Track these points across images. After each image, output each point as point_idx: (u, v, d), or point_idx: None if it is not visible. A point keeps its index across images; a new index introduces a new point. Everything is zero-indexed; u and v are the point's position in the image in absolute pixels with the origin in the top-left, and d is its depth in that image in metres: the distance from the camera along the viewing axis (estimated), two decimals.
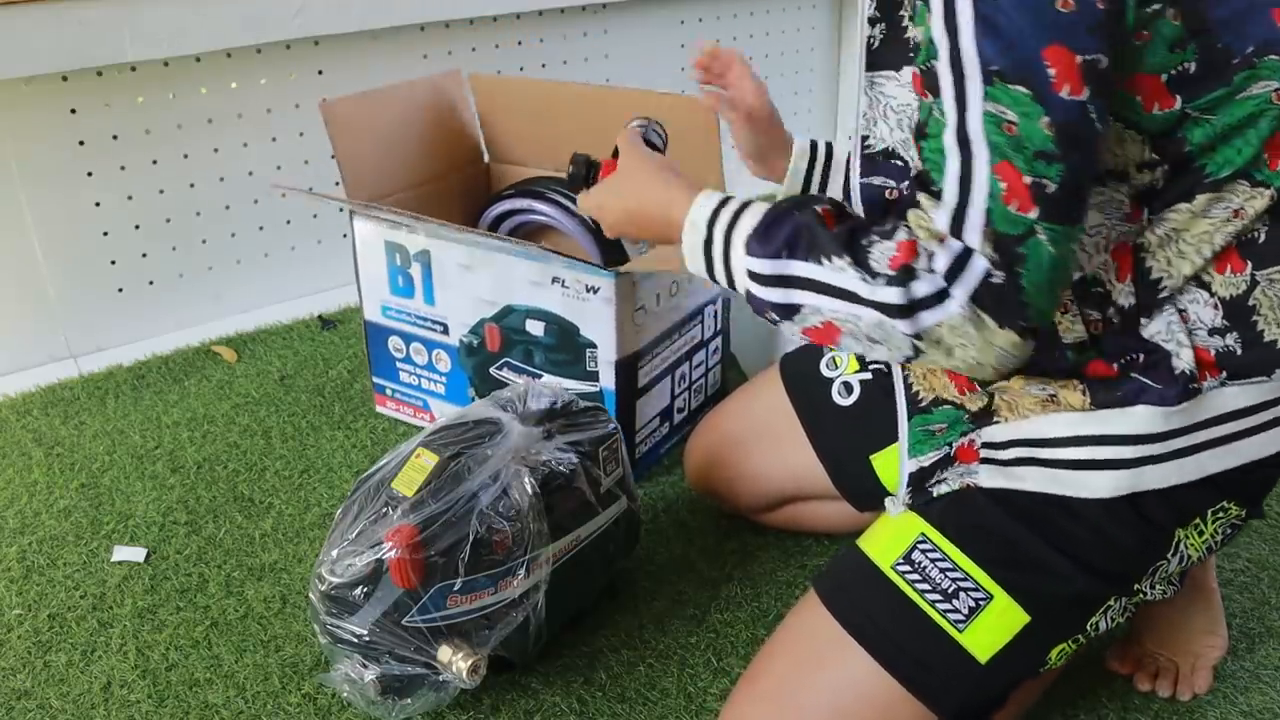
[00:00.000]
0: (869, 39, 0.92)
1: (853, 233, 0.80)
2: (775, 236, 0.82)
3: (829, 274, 0.78)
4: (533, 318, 1.32)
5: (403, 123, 1.49)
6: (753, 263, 0.83)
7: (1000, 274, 0.72)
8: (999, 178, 0.71)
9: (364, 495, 0.98)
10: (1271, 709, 1.04)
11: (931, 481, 0.92)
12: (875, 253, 0.77)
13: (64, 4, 1.46)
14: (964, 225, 0.73)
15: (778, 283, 0.81)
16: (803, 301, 0.80)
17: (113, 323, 1.73)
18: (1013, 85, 0.69)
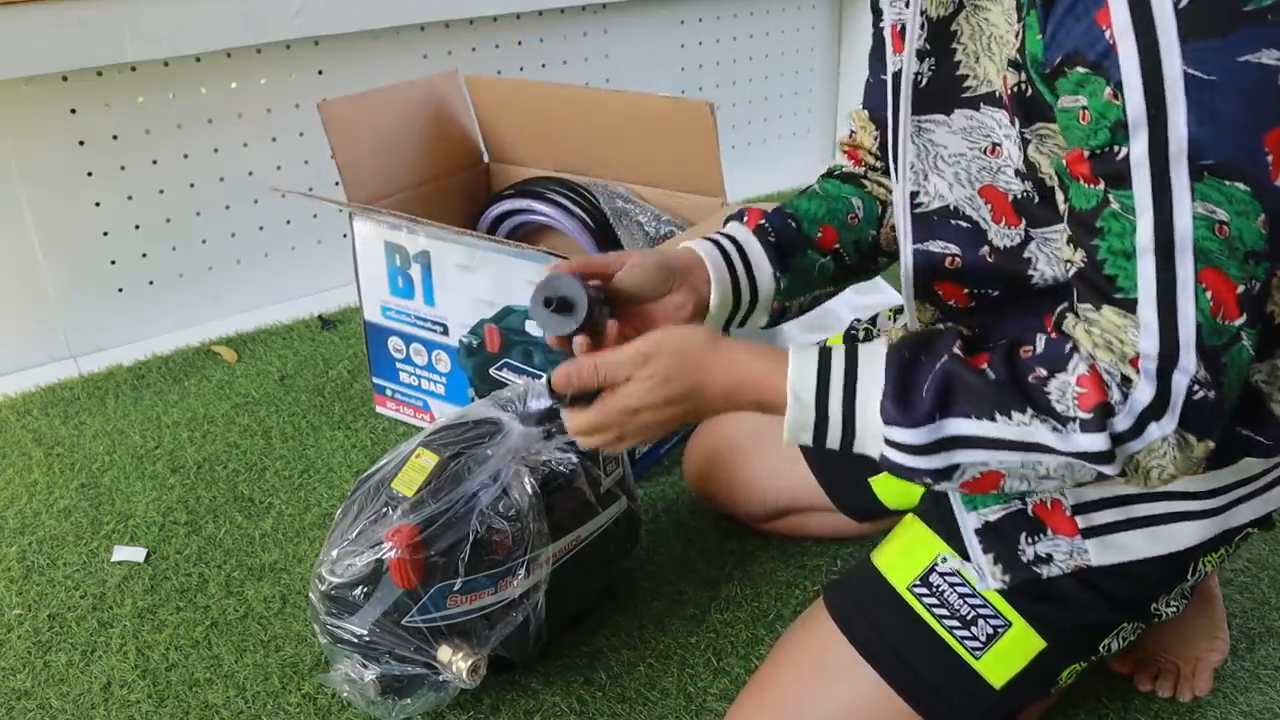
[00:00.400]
0: (916, 76, 0.81)
1: (1014, 370, 0.70)
2: (919, 397, 0.70)
3: (1007, 430, 0.69)
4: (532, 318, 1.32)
5: (402, 123, 1.49)
6: (896, 433, 0.71)
7: (1205, 390, 0.66)
8: (1205, 286, 0.63)
9: (364, 495, 0.98)
10: (1271, 709, 1.04)
11: (1028, 557, 0.83)
12: (1055, 393, 0.68)
13: (64, 4, 1.46)
14: (1176, 349, 0.65)
15: (934, 449, 0.70)
16: (967, 460, 0.70)
17: (113, 323, 1.73)
18: (1229, 181, 0.61)
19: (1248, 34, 0.58)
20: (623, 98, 1.47)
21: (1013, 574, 0.83)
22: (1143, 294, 0.65)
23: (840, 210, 0.97)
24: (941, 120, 0.81)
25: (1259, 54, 0.59)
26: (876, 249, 0.99)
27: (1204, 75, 0.59)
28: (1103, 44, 0.61)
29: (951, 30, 0.78)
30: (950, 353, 0.72)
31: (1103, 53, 0.62)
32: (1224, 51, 0.59)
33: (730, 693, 1.05)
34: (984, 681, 0.85)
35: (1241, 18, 0.59)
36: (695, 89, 2.36)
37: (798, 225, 0.94)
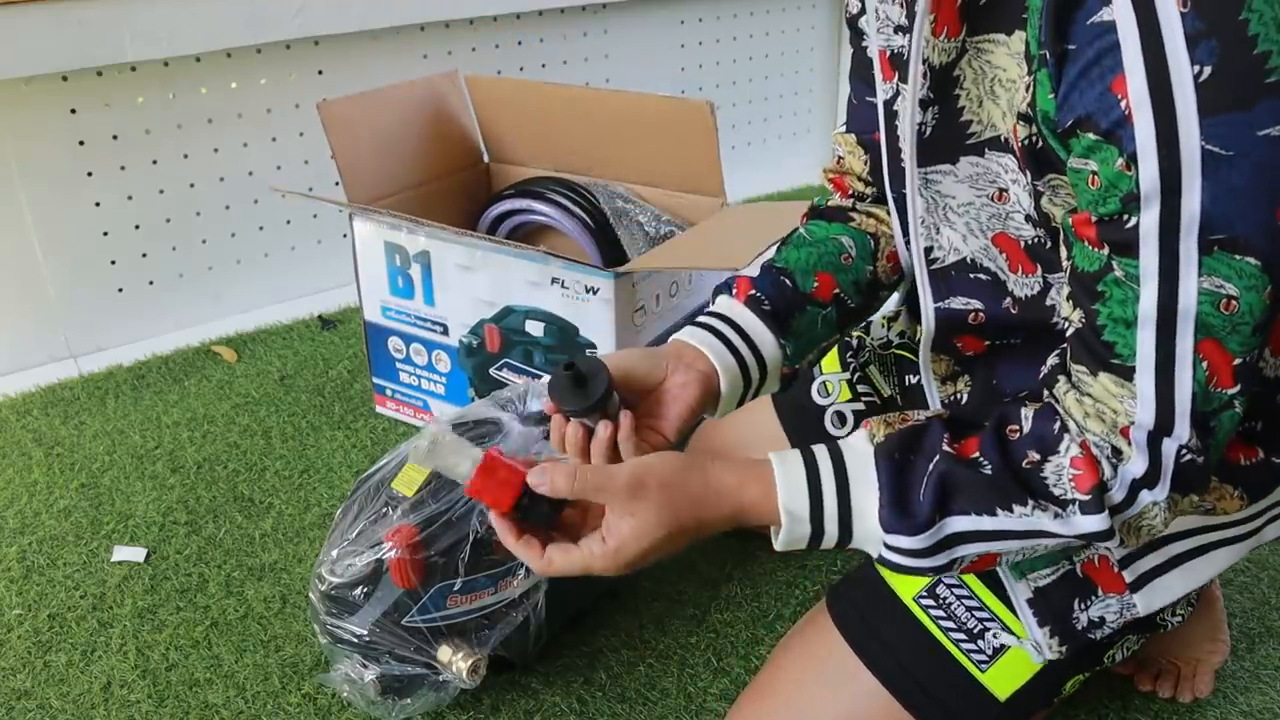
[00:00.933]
0: (920, 126, 0.78)
1: (1007, 458, 0.69)
2: (917, 502, 0.69)
3: (1009, 522, 0.69)
4: (532, 318, 1.32)
5: (402, 123, 1.49)
6: (898, 540, 0.70)
7: (1193, 455, 0.66)
8: (1203, 358, 0.63)
9: (364, 495, 0.98)
10: (1271, 709, 1.04)
11: (1081, 625, 0.82)
12: (1051, 476, 0.68)
13: (64, 4, 1.46)
14: (1171, 421, 0.65)
15: (936, 550, 0.70)
16: (970, 553, 0.70)
17: (113, 323, 1.73)
18: (1240, 256, 0.59)
19: (1269, 106, 0.56)
20: (623, 98, 1.47)
21: (1069, 645, 0.83)
22: (1141, 364, 0.64)
23: (832, 253, 0.92)
24: (948, 170, 0.79)
25: (1279, 127, 0.57)
26: (876, 284, 0.95)
27: (1222, 151, 0.57)
28: (1117, 113, 0.59)
29: (954, 76, 0.75)
30: (941, 450, 0.70)
31: (1117, 121, 0.59)
32: (1244, 125, 0.57)
33: (730, 693, 1.05)
34: (989, 694, 0.84)
35: (1264, 91, 0.56)
36: (695, 89, 2.36)
37: (791, 282, 0.90)
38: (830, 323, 0.92)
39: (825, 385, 1.12)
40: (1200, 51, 0.56)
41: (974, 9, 0.72)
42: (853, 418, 1.10)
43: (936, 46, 0.74)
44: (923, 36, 0.74)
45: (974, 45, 0.73)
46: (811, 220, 0.97)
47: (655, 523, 0.71)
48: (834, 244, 0.93)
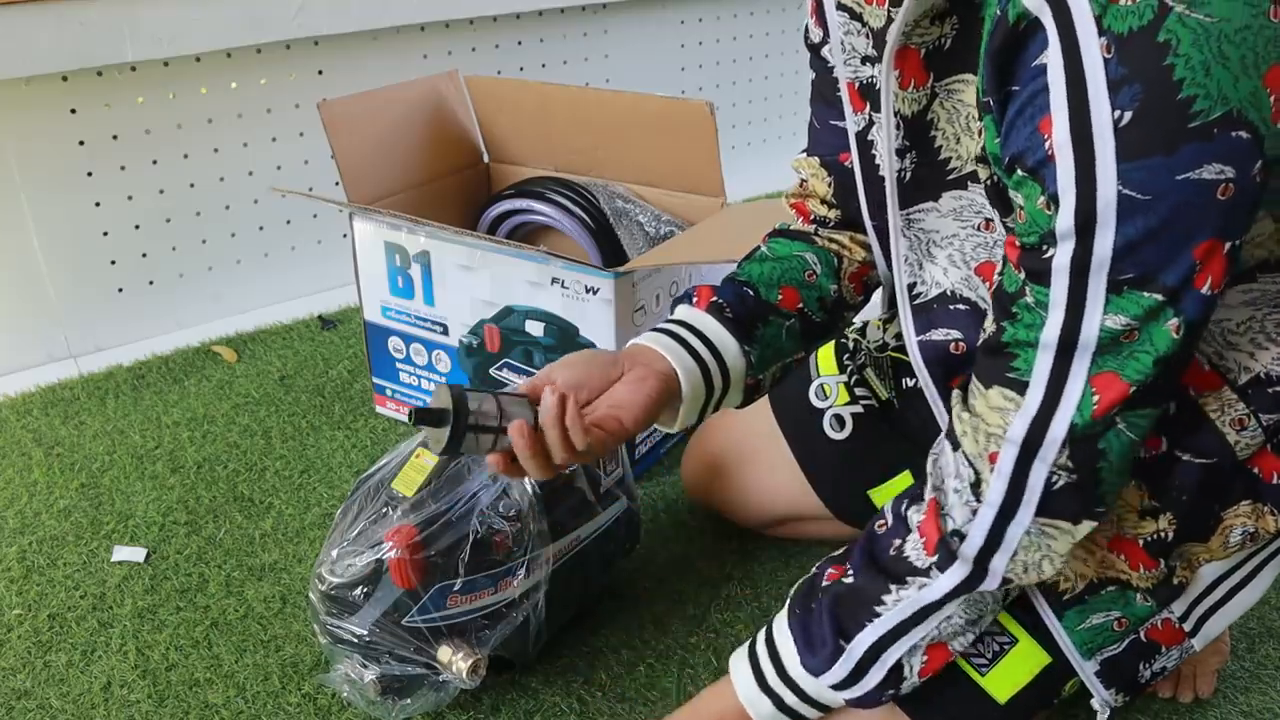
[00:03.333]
0: (899, 173, 0.79)
1: (870, 558, 0.76)
2: (818, 636, 0.77)
3: (895, 613, 0.74)
4: (532, 318, 1.32)
5: (402, 123, 1.49)
6: (827, 678, 0.78)
7: (1065, 476, 0.67)
8: (1094, 390, 0.64)
9: (364, 495, 0.98)
10: (1271, 709, 1.04)
11: (1145, 678, 0.86)
12: (912, 554, 0.73)
13: (64, 4, 1.46)
14: (1044, 436, 0.66)
15: (863, 669, 0.77)
16: (897, 656, 0.76)
17: (113, 323, 1.73)
18: (1146, 293, 0.60)
19: (1192, 149, 0.56)
20: (623, 98, 1.47)
21: (1132, 695, 0.87)
22: (1035, 379, 0.66)
23: (795, 269, 0.92)
24: (930, 207, 0.80)
25: (1200, 170, 0.57)
26: (841, 303, 0.95)
27: (1139, 195, 0.57)
28: (1041, 152, 0.60)
29: (928, 120, 0.77)
30: (821, 586, 0.78)
31: (1041, 161, 0.60)
32: (1164, 170, 0.57)
33: None
34: (988, 697, 0.84)
35: (1186, 135, 0.56)
36: (695, 89, 2.36)
37: (754, 293, 0.89)
38: (795, 335, 0.91)
39: (823, 388, 1.12)
40: (1121, 97, 0.56)
41: (938, 56, 0.73)
42: (851, 420, 1.10)
43: (904, 98, 0.76)
44: (890, 92, 0.75)
45: (944, 89, 0.75)
46: (773, 239, 0.97)
47: None
48: (797, 260, 0.93)
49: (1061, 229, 0.60)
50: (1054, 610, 0.83)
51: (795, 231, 0.98)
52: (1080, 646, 0.83)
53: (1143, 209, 0.58)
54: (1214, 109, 0.56)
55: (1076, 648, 0.83)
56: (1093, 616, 0.82)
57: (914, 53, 0.74)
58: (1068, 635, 0.83)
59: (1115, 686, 0.85)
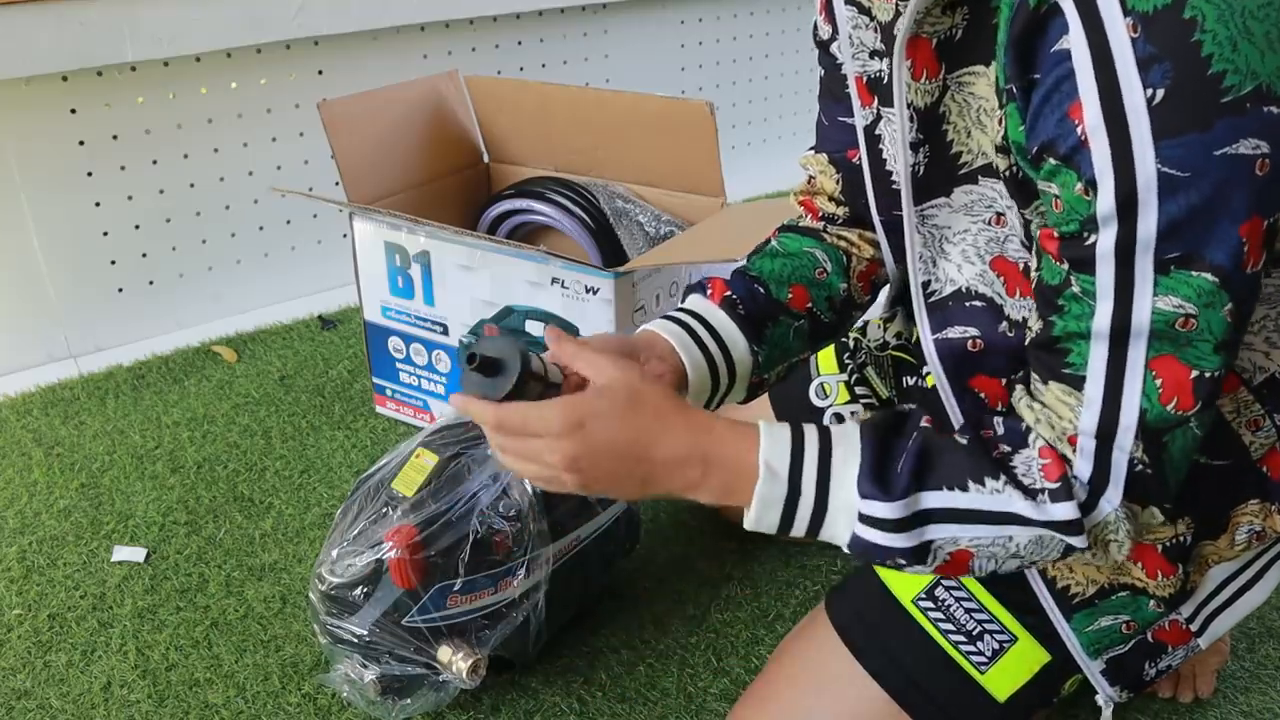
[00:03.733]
0: (913, 167, 0.78)
1: (984, 443, 0.69)
2: (896, 471, 0.69)
3: (981, 500, 0.68)
4: (533, 318, 1.32)
5: (402, 123, 1.49)
6: (872, 507, 0.68)
7: (1143, 467, 0.66)
8: (1155, 374, 0.62)
9: (364, 495, 0.98)
10: (1271, 709, 1.04)
11: (1149, 676, 0.85)
12: (1021, 467, 0.68)
13: (64, 4, 1.46)
14: (1114, 428, 0.65)
15: (908, 524, 0.68)
16: (938, 536, 0.69)
17: (113, 323, 1.73)
18: (1195, 272, 0.59)
19: (1227, 125, 0.56)
20: (623, 98, 1.47)
21: (1134, 689, 0.86)
22: (1091, 373, 0.65)
23: (806, 267, 0.92)
24: (942, 203, 0.79)
25: (1237, 145, 0.56)
26: (849, 303, 0.95)
27: (1178, 172, 0.57)
28: (1074, 139, 0.59)
29: (940, 113, 0.76)
30: (921, 427, 0.71)
31: (1074, 147, 0.60)
32: (1201, 146, 0.56)
33: (730, 693, 1.05)
34: (988, 695, 0.84)
35: (1220, 111, 0.56)
36: (695, 89, 2.36)
37: (765, 290, 0.89)
38: (803, 336, 0.91)
39: (823, 387, 1.12)
40: (1153, 75, 0.56)
41: (949, 47, 0.73)
42: (850, 419, 1.10)
43: (918, 89, 0.75)
44: (903, 83, 0.75)
45: (955, 80, 0.74)
46: (783, 234, 0.97)
47: (622, 386, 0.70)
48: (808, 258, 0.93)
49: (1103, 213, 0.60)
50: (1063, 612, 0.83)
51: (805, 228, 0.97)
52: (1087, 646, 0.83)
53: (1184, 186, 0.57)
54: (1244, 84, 0.56)
55: (1083, 647, 0.83)
56: (1102, 619, 0.82)
57: (926, 43, 0.74)
58: (1075, 636, 0.83)
59: (1120, 684, 0.85)
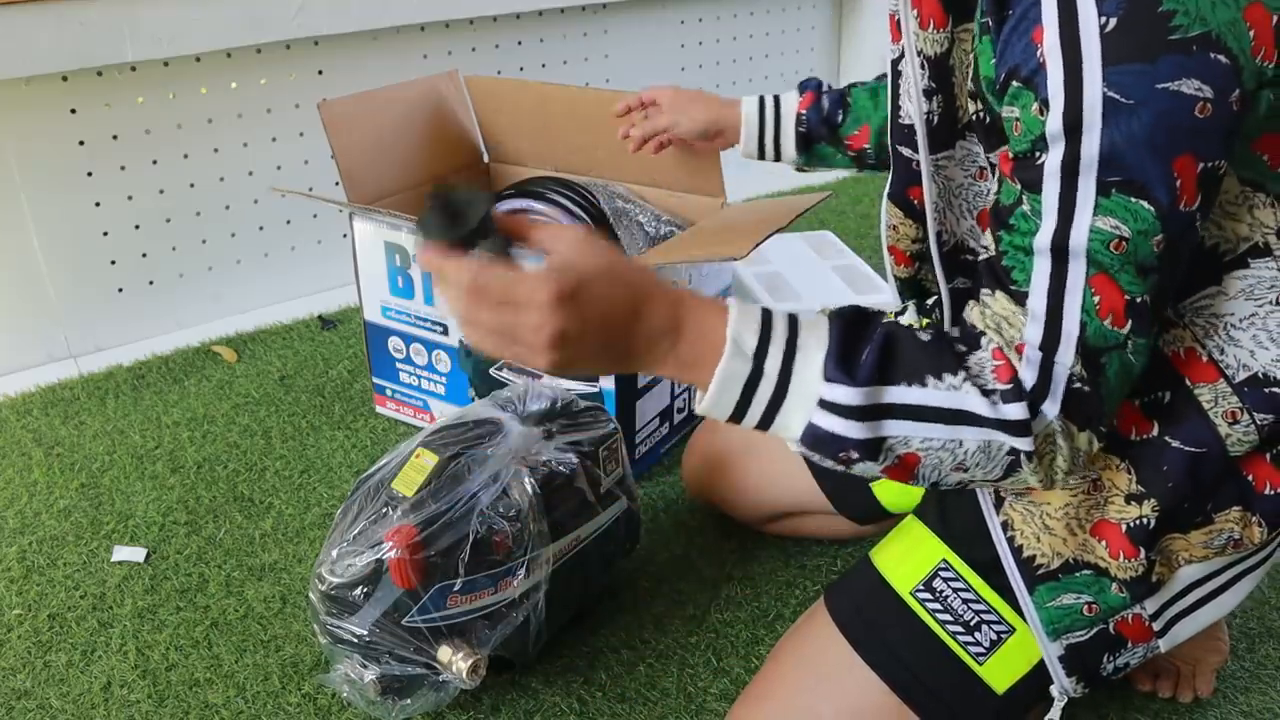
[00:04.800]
0: (927, 115, 0.82)
1: (946, 340, 0.72)
2: (861, 358, 0.69)
3: (940, 396, 0.69)
4: None
5: (402, 123, 1.49)
6: (834, 391, 0.68)
7: (1082, 384, 0.69)
8: (1094, 290, 0.66)
9: (364, 495, 0.98)
10: (1271, 709, 1.04)
11: (1107, 671, 0.85)
12: (975, 366, 0.70)
13: (64, 4, 1.46)
14: (1058, 340, 0.68)
15: (867, 414, 0.68)
16: (893, 433, 0.69)
17: (113, 323, 1.73)
18: (1134, 199, 0.63)
19: (1171, 62, 0.60)
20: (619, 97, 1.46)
21: (1091, 685, 0.86)
22: (1034, 288, 0.68)
23: (884, 117, 1.13)
24: (949, 155, 0.83)
25: (1179, 83, 0.60)
26: None
27: (1123, 99, 0.61)
28: (1034, 61, 0.63)
29: (949, 65, 0.80)
30: (884, 322, 0.72)
31: (1034, 69, 0.63)
32: (1146, 76, 0.60)
33: (730, 693, 1.05)
34: (987, 686, 0.85)
35: (1166, 46, 0.59)
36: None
37: (842, 117, 1.18)
38: (846, 163, 1.23)
39: None
40: (1108, 4, 0.60)
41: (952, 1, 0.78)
42: None
43: (927, 38, 0.80)
44: (912, 32, 0.80)
45: (958, 35, 0.79)
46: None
47: (600, 254, 0.68)
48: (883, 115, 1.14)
49: (1052, 131, 0.63)
50: (1026, 583, 0.83)
51: None
52: (1047, 625, 0.83)
53: (1126, 112, 0.61)
54: (1193, 26, 0.59)
55: (1044, 625, 0.83)
56: (1064, 595, 0.82)
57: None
58: (1036, 611, 0.83)
59: (1076, 675, 0.84)
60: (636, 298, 0.69)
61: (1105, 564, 0.81)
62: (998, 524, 0.85)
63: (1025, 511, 0.83)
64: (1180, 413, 0.77)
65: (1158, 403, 0.78)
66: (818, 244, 1.81)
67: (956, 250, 0.87)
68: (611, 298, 0.68)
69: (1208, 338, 0.75)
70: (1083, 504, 0.81)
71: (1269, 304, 0.73)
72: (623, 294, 0.68)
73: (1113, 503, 0.80)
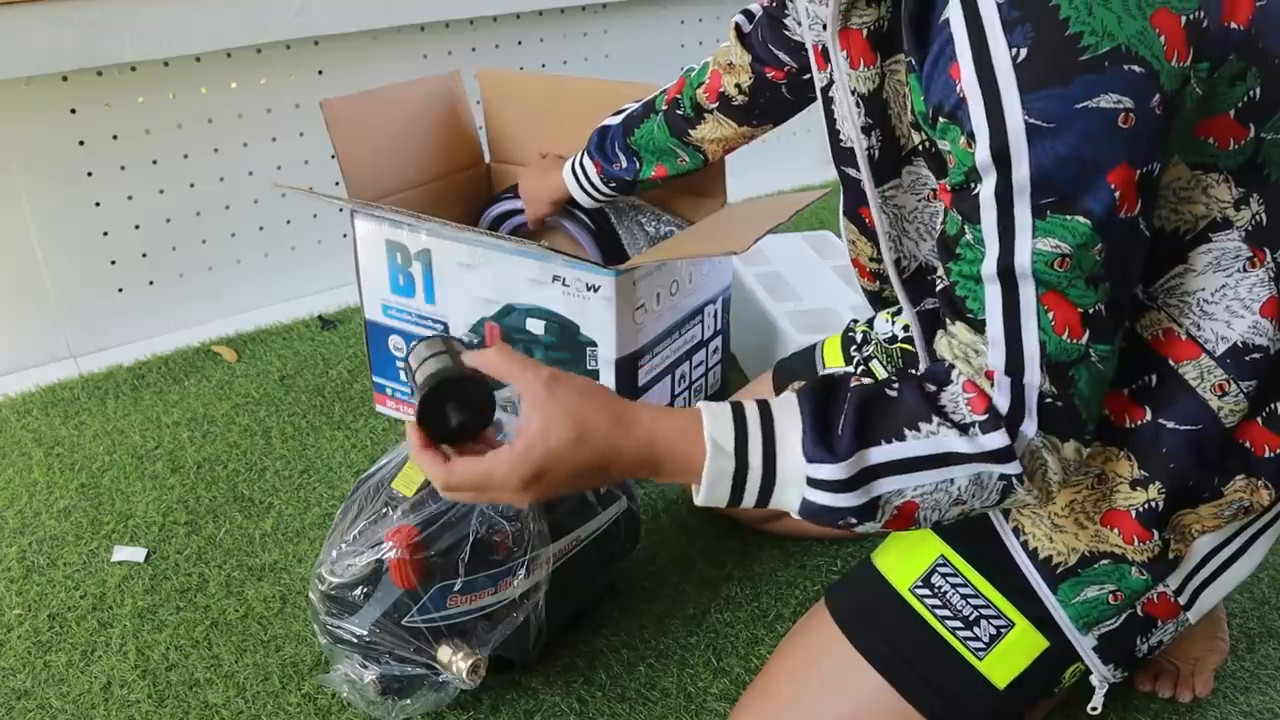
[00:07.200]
0: (869, 151, 0.86)
1: (914, 387, 0.73)
2: (837, 431, 0.71)
3: (920, 445, 0.71)
4: (533, 316, 1.32)
5: (404, 123, 1.49)
6: (820, 470, 0.71)
7: (1054, 400, 0.70)
8: (1047, 308, 0.67)
9: (364, 495, 0.98)
10: (1271, 709, 1.04)
11: (1142, 652, 0.86)
12: (949, 404, 0.71)
13: (64, 4, 1.46)
14: (1021, 363, 0.69)
15: (856, 482, 0.71)
16: (885, 490, 0.71)
17: (113, 323, 1.73)
18: (1070, 216, 0.64)
19: (1085, 81, 0.61)
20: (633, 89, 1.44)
21: (1130, 670, 0.87)
22: (990, 315, 0.69)
23: (671, 157, 1.25)
24: (897, 184, 0.86)
25: (1098, 99, 0.62)
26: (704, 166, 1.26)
27: (1044, 124, 0.62)
28: (955, 96, 0.65)
29: (883, 99, 0.84)
30: (853, 387, 0.74)
31: (956, 104, 0.65)
32: (1063, 99, 0.62)
33: (730, 692, 1.05)
34: (987, 682, 0.85)
35: (1078, 67, 0.61)
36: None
37: (638, 165, 1.26)
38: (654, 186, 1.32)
39: None
40: (1016, 36, 0.62)
41: (880, 37, 0.80)
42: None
43: (859, 77, 0.84)
44: (844, 72, 0.84)
45: (888, 69, 0.82)
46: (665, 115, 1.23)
47: (565, 424, 0.72)
48: (672, 152, 1.25)
49: (982, 162, 0.65)
50: (1048, 584, 0.83)
51: (681, 119, 1.22)
52: (1076, 621, 0.83)
53: (1049, 135, 0.62)
54: (1102, 43, 0.61)
55: (1073, 622, 0.83)
56: (1087, 589, 0.83)
57: (857, 34, 0.82)
58: (1063, 609, 0.83)
59: (1114, 662, 0.85)
60: (605, 457, 0.72)
61: (1122, 550, 0.81)
62: (1009, 530, 0.85)
63: (1033, 515, 0.84)
64: (1169, 394, 0.78)
65: (1145, 387, 0.79)
66: (818, 244, 1.81)
67: (922, 272, 0.89)
68: (578, 463, 0.72)
69: (1183, 316, 0.76)
70: (1088, 498, 0.82)
71: (1237, 272, 0.75)
72: (589, 457, 0.72)
73: (1119, 491, 0.81)
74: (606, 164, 1.29)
